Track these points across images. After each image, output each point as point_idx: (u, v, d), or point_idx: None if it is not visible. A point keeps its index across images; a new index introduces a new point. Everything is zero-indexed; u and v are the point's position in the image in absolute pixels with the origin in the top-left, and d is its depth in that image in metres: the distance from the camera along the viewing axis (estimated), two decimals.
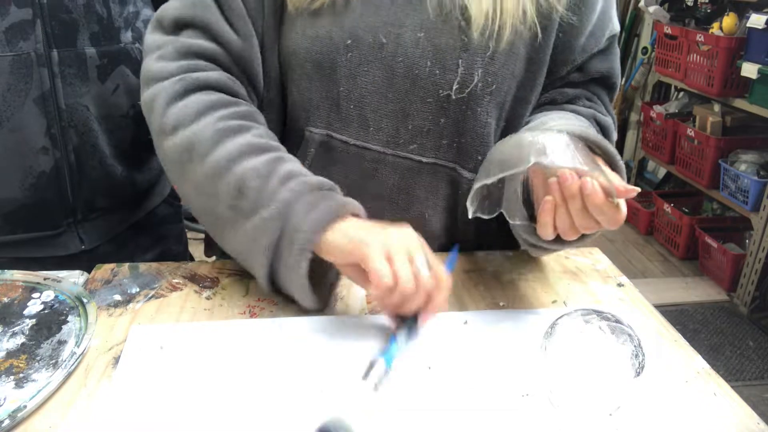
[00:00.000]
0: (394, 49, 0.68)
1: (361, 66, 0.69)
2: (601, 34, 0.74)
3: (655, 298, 2.25)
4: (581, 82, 0.78)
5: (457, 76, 0.69)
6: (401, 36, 0.68)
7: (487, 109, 0.72)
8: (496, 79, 0.70)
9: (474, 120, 0.72)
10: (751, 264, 2.24)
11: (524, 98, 0.74)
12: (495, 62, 0.69)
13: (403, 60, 0.69)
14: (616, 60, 0.78)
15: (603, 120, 0.76)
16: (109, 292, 0.68)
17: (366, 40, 0.68)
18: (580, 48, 0.73)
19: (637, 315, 0.67)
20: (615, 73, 0.78)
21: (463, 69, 0.69)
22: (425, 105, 0.70)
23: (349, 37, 0.68)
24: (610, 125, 0.77)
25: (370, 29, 0.68)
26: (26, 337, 0.60)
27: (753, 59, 2.19)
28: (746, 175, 2.26)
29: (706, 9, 2.62)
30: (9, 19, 0.74)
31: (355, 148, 0.72)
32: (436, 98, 0.70)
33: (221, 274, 0.72)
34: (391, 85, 0.70)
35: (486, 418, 0.52)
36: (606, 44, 0.75)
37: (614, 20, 0.75)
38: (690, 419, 0.52)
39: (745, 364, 2.00)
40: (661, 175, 3.14)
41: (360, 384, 0.53)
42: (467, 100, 0.70)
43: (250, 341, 0.61)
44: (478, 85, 0.70)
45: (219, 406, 0.52)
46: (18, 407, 0.50)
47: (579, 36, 0.72)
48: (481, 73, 0.69)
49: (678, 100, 2.86)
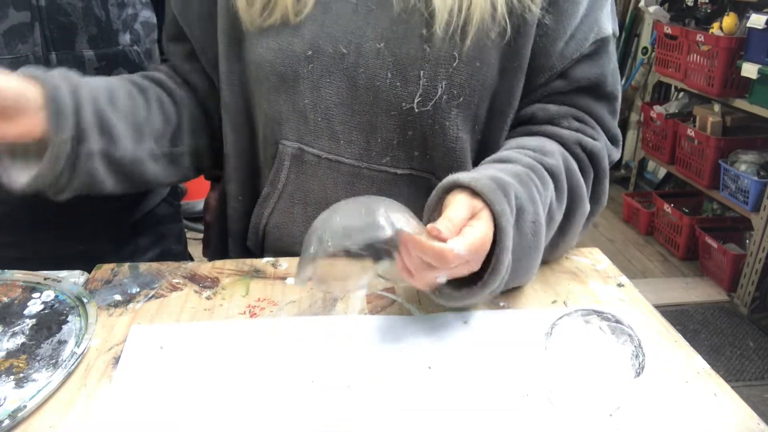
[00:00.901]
0: (355, 60, 0.67)
1: (323, 77, 0.68)
2: (583, 38, 0.68)
3: (655, 298, 2.25)
4: (567, 92, 0.71)
5: (419, 89, 0.67)
6: (361, 46, 0.67)
7: (456, 123, 0.69)
8: (463, 90, 0.67)
9: (443, 134, 0.69)
10: (751, 264, 2.24)
11: (501, 110, 0.70)
12: (460, 73, 0.66)
13: (365, 71, 0.67)
14: (607, 66, 0.71)
15: (590, 145, 0.70)
16: (109, 292, 0.68)
17: (327, 50, 0.67)
18: (558, 53, 0.68)
19: (637, 315, 0.67)
20: (607, 80, 0.71)
21: (425, 81, 0.67)
22: (390, 118, 0.69)
23: (310, 47, 0.68)
24: (599, 151, 0.70)
25: (331, 39, 0.67)
26: (26, 337, 0.60)
27: (753, 59, 2.19)
28: (746, 175, 2.26)
29: (706, 9, 2.63)
30: (7, 22, 0.74)
31: (328, 161, 0.72)
32: (400, 111, 0.68)
33: (221, 274, 0.72)
34: (356, 97, 0.69)
35: (486, 418, 0.52)
36: (591, 49, 0.69)
37: (602, 23, 0.69)
38: (690, 419, 0.52)
39: (745, 365, 2.00)
40: (661, 175, 3.14)
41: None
42: (432, 113, 0.68)
43: (250, 341, 0.61)
44: (442, 97, 0.67)
45: (219, 406, 0.52)
46: (18, 407, 0.50)
47: (557, 40, 0.68)
48: (445, 84, 0.67)
49: (678, 100, 2.86)
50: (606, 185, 0.73)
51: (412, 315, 0.65)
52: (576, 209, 0.69)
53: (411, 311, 0.66)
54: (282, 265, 0.75)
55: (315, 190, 0.74)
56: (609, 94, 0.73)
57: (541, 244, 0.63)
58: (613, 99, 0.74)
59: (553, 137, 0.71)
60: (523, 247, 0.60)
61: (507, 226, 0.55)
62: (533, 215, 0.61)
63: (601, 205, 0.74)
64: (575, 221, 0.69)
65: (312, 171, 0.73)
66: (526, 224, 0.60)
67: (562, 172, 0.66)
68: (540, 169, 0.65)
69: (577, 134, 0.70)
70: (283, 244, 0.78)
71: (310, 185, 0.74)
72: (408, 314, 0.65)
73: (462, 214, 0.54)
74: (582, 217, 0.70)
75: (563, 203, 0.67)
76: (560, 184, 0.66)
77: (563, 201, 0.67)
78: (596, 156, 0.70)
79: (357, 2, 0.68)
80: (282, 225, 0.77)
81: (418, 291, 0.69)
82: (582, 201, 0.69)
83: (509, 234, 0.56)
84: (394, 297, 0.68)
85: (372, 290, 0.69)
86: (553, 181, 0.65)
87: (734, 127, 2.49)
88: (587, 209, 0.70)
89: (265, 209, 0.77)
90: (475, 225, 0.54)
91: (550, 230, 0.66)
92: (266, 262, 0.75)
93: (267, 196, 0.76)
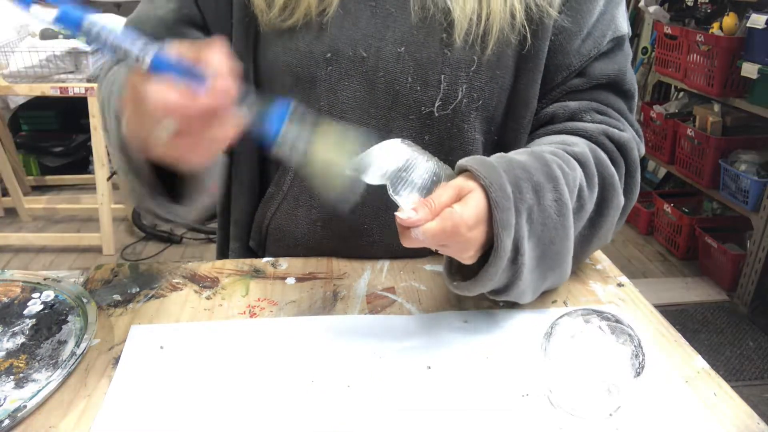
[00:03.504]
0: (374, 64, 0.67)
1: (341, 80, 0.68)
2: (601, 35, 0.69)
3: (655, 298, 2.25)
4: (587, 90, 0.71)
5: (439, 93, 0.67)
6: (381, 50, 0.67)
7: (474, 125, 0.69)
8: (483, 94, 0.67)
9: (460, 137, 0.69)
10: (751, 264, 2.24)
11: (516, 111, 0.70)
12: (480, 76, 0.67)
13: (384, 75, 0.67)
14: (625, 63, 0.72)
15: (617, 136, 0.68)
16: (109, 292, 0.68)
17: (346, 53, 0.67)
18: (575, 51, 0.68)
19: (637, 315, 0.67)
20: (626, 77, 0.71)
21: (446, 85, 0.67)
22: (408, 122, 0.69)
23: (329, 50, 0.67)
24: (627, 141, 0.69)
25: (350, 42, 0.67)
26: (26, 337, 0.60)
27: (753, 59, 2.19)
28: (746, 175, 2.26)
29: (706, 9, 2.62)
30: None
31: None
32: (419, 115, 0.68)
33: (221, 274, 0.72)
34: (373, 100, 0.68)
35: (486, 418, 0.52)
36: (609, 46, 0.70)
37: (618, 22, 0.70)
38: (690, 419, 0.52)
39: (745, 364, 2.00)
40: (661, 175, 3.14)
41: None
42: (452, 117, 0.68)
43: (250, 341, 0.61)
44: (462, 101, 0.67)
45: (219, 406, 0.52)
46: (18, 407, 0.50)
47: (574, 39, 0.68)
48: (465, 88, 0.67)
49: (678, 100, 2.86)
50: (638, 179, 0.71)
51: (412, 315, 0.65)
52: (609, 200, 0.66)
53: (411, 311, 0.66)
54: (282, 265, 0.75)
55: (321, 193, 0.73)
56: (627, 92, 0.73)
57: (570, 228, 0.60)
58: (631, 96, 0.73)
59: (577, 133, 0.69)
60: (548, 228, 0.58)
61: (501, 201, 0.53)
62: (554, 193, 0.58)
63: (633, 200, 0.71)
64: (609, 214, 0.66)
65: None
66: (547, 201, 0.58)
67: (590, 160, 0.64)
68: (564, 154, 0.63)
69: (602, 126, 0.69)
70: (284, 246, 0.78)
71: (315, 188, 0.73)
72: (408, 314, 0.65)
73: (443, 198, 0.52)
74: (616, 211, 0.67)
75: (594, 192, 0.64)
76: (589, 170, 0.64)
77: (594, 190, 0.64)
78: (625, 147, 0.69)
79: (375, 5, 0.67)
80: (284, 226, 0.77)
81: (418, 291, 0.69)
82: (615, 192, 0.66)
83: (505, 208, 0.53)
84: (394, 297, 0.68)
85: (372, 290, 0.69)
86: (581, 167, 0.63)
87: (734, 127, 2.49)
88: (621, 201, 0.67)
89: (269, 210, 0.77)
90: (455, 207, 0.51)
91: (580, 218, 0.63)
92: (266, 262, 0.75)
93: (271, 197, 0.76)
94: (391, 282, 0.71)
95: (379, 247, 0.75)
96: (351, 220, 0.73)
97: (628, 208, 0.71)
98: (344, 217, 0.72)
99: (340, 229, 0.74)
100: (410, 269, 0.74)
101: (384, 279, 0.72)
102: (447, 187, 0.53)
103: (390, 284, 0.71)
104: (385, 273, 0.73)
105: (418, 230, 0.51)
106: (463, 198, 0.53)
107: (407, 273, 0.73)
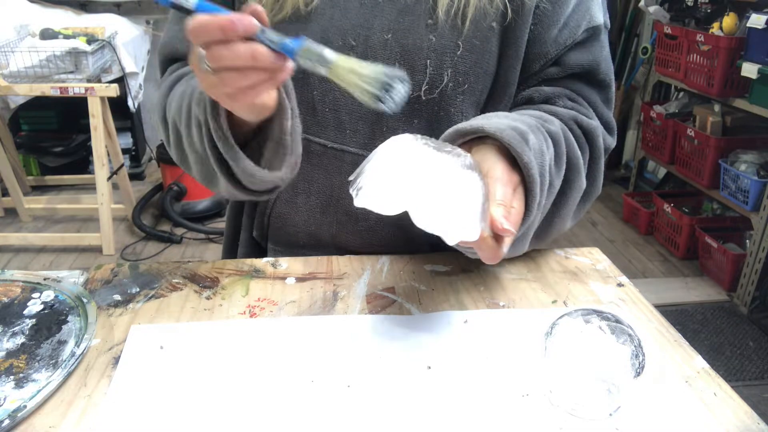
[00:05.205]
0: (363, 52, 0.70)
1: None
2: (576, 25, 0.71)
3: (655, 298, 2.25)
4: (560, 78, 0.73)
5: (426, 77, 0.70)
6: (370, 38, 0.70)
7: (461, 109, 0.72)
8: (468, 78, 0.70)
9: (448, 121, 0.72)
10: (751, 264, 2.24)
11: (499, 95, 0.73)
12: (465, 61, 0.69)
13: (373, 62, 0.68)
14: (600, 53, 0.73)
15: (586, 123, 0.70)
16: (109, 292, 0.68)
17: (336, 43, 0.69)
18: (552, 40, 0.70)
19: (637, 315, 0.67)
20: (600, 67, 0.73)
21: (432, 69, 0.69)
22: None
23: (320, 40, 0.68)
24: (594, 129, 0.71)
25: (340, 32, 0.70)
26: (26, 337, 0.60)
27: (753, 59, 2.19)
28: (746, 175, 2.26)
29: (706, 9, 2.62)
30: None
31: (333, 150, 0.74)
32: (407, 100, 0.70)
33: (221, 274, 0.72)
34: None
35: (486, 418, 0.52)
36: (584, 36, 0.72)
37: (594, 12, 0.72)
38: (690, 419, 0.52)
39: (745, 364, 2.00)
40: (661, 175, 3.14)
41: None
42: (438, 100, 0.71)
43: (250, 341, 0.61)
44: (448, 85, 0.70)
45: (219, 406, 0.52)
46: (18, 407, 0.50)
47: (551, 27, 0.70)
48: (450, 72, 0.70)
49: (678, 100, 2.86)
50: (601, 166, 0.73)
51: (412, 315, 0.65)
52: (573, 182, 0.68)
53: (411, 311, 0.66)
54: (282, 265, 0.75)
55: (319, 179, 0.76)
56: (602, 82, 0.74)
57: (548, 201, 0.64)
58: (606, 87, 0.75)
59: (549, 113, 0.71)
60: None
61: (536, 176, 0.57)
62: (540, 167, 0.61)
63: (596, 188, 0.73)
64: (571, 196, 0.68)
65: (317, 160, 0.75)
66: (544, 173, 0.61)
67: (562, 140, 0.66)
68: (543, 130, 0.65)
69: (572, 111, 0.72)
70: (286, 234, 0.80)
71: (314, 175, 0.76)
72: (408, 314, 0.65)
73: (509, 194, 0.55)
74: (578, 193, 0.69)
75: (561, 171, 0.66)
76: (559, 149, 0.65)
77: (561, 169, 0.66)
78: (591, 133, 0.71)
79: None
80: (285, 214, 0.78)
81: (418, 291, 0.69)
82: (579, 174, 0.68)
83: (537, 182, 0.57)
84: (394, 297, 0.68)
85: (372, 290, 0.70)
86: (553, 146, 0.65)
87: (734, 127, 2.49)
88: (584, 185, 0.69)
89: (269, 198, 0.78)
90: (516, 206, 0.55)
91: (549, 197, 0.65)
92: (266, 262, 0.75)
93: None
94: (391, 282, 0.71)
95: (376, 232, 0.77)
96: (348, 205, 0.75)
97: (591, 195, 0.73)
98: (342, 203, 0.75)
99: (338, 213, 0.77)
100: (410, 269, 0.74)
101: (384, 279, 0.72)
102: (506, 184, 0.55)
103: (390, 284, 0.71)
104: (385, 273, 0.73)
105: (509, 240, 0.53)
106: (515, 191, 0.57)
107: (407, 273, 0.73)
